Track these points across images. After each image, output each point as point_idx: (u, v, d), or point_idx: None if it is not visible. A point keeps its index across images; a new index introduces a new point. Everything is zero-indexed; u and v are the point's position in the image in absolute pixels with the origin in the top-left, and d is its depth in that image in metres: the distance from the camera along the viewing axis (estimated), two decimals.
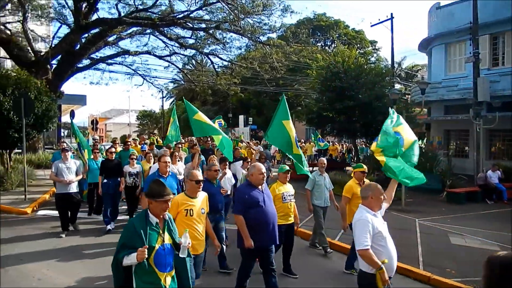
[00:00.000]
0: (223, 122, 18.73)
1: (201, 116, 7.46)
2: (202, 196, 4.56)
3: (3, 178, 12.27)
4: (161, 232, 3.17)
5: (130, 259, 2.95)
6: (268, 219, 4.69)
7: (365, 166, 6.44)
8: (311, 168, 11.78)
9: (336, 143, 27.19)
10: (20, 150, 12.84)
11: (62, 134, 26.04)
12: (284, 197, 5.77)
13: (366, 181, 5.95)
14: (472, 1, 14.34)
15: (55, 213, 8.89)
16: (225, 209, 6.55)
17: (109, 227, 8.14)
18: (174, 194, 4.74)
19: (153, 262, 3.08)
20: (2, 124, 11.42)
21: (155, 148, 11.85)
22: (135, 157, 8.78)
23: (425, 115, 21.07)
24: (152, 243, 3.06)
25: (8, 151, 13.14)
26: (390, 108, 5.64)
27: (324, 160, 7.66)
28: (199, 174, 4.48)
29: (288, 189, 5.94)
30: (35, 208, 10.11)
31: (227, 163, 7.81)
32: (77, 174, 7.85)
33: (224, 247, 6.03)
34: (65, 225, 7.75)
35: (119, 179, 8.35)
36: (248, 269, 4.85)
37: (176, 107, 16.88)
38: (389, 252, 3.48)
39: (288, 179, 5.99)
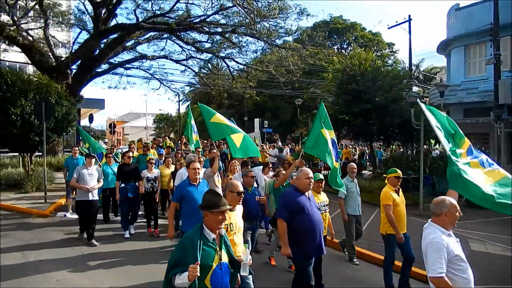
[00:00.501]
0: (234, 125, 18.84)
1: (219, 117, 7.34)
2: (240, 208, 4.17)
3: (24, 180, 12.57)
4: (218, 249, 2.89)
5: (182, 279, 2.67)
6: (315, 227, 4.44)
7: (399, 171, 5.91)
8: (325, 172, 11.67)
9: (349, 146, 26.95)
10: (40, 153, 13.14)
11: (81, 138, 26.51)
12: (319, 208, 5.34)
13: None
14: (493, 2, 14.04)
15: (74, 216, 9.07)
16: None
17: (127, 234, 8.06)
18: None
19: (209, 283, 2.81)
20: (24, 128, 11.73)
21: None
22: (153, 161, 8.64)
23: None
24: (209, 261, 2.80)
25: (29, 154, 13.47)
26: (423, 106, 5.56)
27: (354, 165, 7.21)
28: (240, 185, 4.10)
29: (322, 198, 5.70)
30: (53, 211, 10.32)
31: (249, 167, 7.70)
32: (98, 181, 7.71)
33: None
34: (84, 227, 7.70)
35: (137, 183, 8.20)
36: (304, 277, 4.43)
37: (192, 111, 16.91)
38: (468, 277, 3.18)
39: (322, 188, 5.74)
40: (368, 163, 23.24)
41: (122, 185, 8.10)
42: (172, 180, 8.55)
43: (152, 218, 8.41)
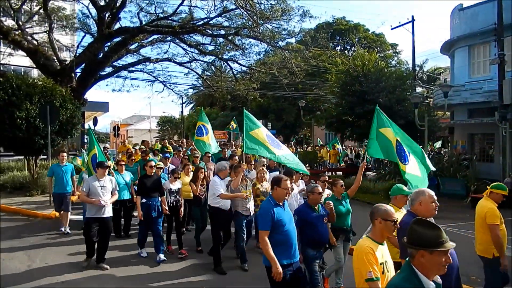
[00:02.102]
0: (234, 125, 18.73)
1: (261, 134, 6.74)
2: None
3: (29, 183, 12.64)
4: None
5: None
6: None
7: (506, 189, 4.96)
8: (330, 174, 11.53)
9: (345, 147, 26.72)
10: (45, 156, 13.21)
11: (86, 141, 26.62)
12: None
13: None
14: (497, 2, 14.00)
15: (79, 217, 9.09)
16: None
17: (144, 253, 7.02)
18: None
19: None
20: (29, 131, 11.81)
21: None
22: (177, 176, 7.51)
23: (448, 118, 20.63)
24: None
25: (34, 157, 13.54)
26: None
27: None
28: (393, 212, 3.09)
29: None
30: (58, 214, 10.34)
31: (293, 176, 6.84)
32: (112, 194, 6.62)
33: None
34: (92, 252, 6.47)
35: (159, 198, 6.98)
36: None
37: (196, 113, 16.96)
38: None
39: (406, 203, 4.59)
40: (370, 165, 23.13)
41: (143, 200, 6.83)
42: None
43: (170, 234, 7.51)
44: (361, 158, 23.35)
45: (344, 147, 25.65)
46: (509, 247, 7.55)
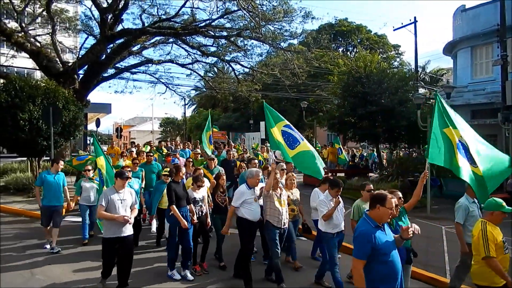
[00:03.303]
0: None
1: (277, 131, 6.41)
2: None
3: (32, 185, 12.67)
4: None
5: None
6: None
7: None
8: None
9: (346, 148, 26.57)
10: (48, 158, 13.25)
11: (88, 142, 26.68)
12: (505, 246, 4.07)
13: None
14: (500, 3, 13.96)
15: (78, 219, 8.91)
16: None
17: (176, 274, 6.18)
18: None
19: None
20: (32, 133, 11.86)
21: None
22: (201, 184, 6.55)
23: None
24: None
25: (37, 158, 13.59)
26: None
27: None
28: None
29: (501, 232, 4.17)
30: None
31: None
32: (131, 208, 5.62)
33: None
34: (108, 273, 5.58)
35: (187, 207, 6.34)
36: None
37: (198, 114, 16.86)
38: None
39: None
40: (372, 166, 23.07)
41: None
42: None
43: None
44: (357, 159, 23.25)
45: (345, 148, 25.59)
46: (510, 247, 7.53)
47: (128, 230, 5.43)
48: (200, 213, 6.52)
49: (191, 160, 9.46)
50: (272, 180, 5.70)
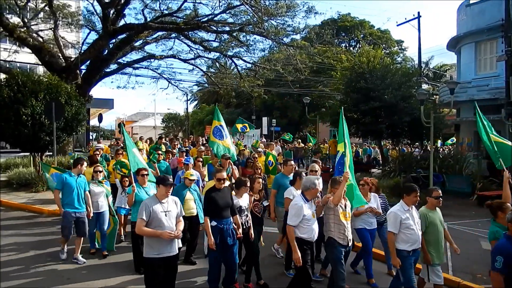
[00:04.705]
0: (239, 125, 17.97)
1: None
2: None
3: (35, 180, 12.72)
4: None
5: None
6: None
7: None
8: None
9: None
10: (51, 153, 13.29)
11: (91, 137, 26.75)
12: None
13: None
14: None
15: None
16: None
17: None
18: None
19: None
20: (34, 128, 11.89)
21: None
22: (246, 189, 5.61)
23: (454, 115, 20.47)
24: None
25: (39, 154, 13.63)
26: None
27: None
28: None
29: None
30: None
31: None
32: (177, 221, 4.61)
33: None
34: None
35: (231, 218, 5.36)
36: None
37: (200, 110, 16.77)
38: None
39: None
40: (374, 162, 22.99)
41: (214, 223, 5.17)
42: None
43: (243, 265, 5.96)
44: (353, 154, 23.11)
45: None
46: None
47: (174, 248, 4.49)
48: (246, 223, 5.57)
49: (201, 159, 8.67)
50: (342, 191, 4.88)
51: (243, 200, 5.59)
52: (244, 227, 5.50)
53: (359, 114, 16.42)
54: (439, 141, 24.35)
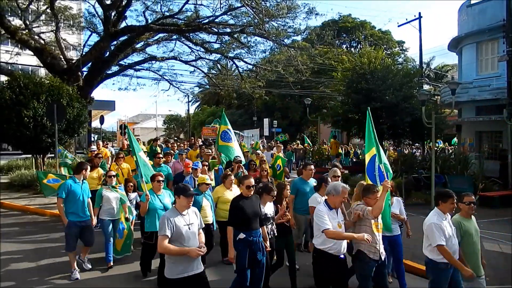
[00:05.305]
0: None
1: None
2: None
3: (37, 181, 12.74)
4: None
5: None
6: None
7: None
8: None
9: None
10: (52, 155, 13.32)
11: (92, 139, 26.76)
12: None
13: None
14: None
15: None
16: None
17: None
18: None
19: None
20: (36, 130, 11.92)
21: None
22: (272, 196, 5.18)
23: (455, 116, 20.44)
24: None
25: (41, 155, 13.66)
26: None
27: None
28: None
29: None
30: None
31: None
32: (198, 232, 4.13)
33: None
34: None
35: (260, 230, 4.86)
36: None
37: (202, 111, 16.71)
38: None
39: None
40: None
41: (242, 236, 4.66)
42: None
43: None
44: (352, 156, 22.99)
45: (349, 145, 25.46)
46: (510, 243, 7.52)
47: (201, 265, 4.01)
48: (272, 232, 5.17)
49: (207, 163, 8.28)
50: (383, 202, 4.37)
51: (268, 207, 5.15)
52: (270, 237, 5.11)
53: (360, 115, 16.42)
54: (454, 139, 24.20)
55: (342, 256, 4.34)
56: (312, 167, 6.69)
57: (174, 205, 4.09)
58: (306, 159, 21.00)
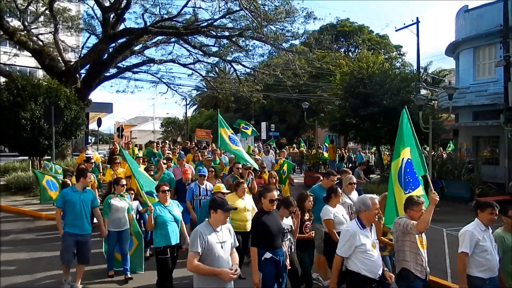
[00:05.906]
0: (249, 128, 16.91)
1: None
2: None
3: (33, 184, 12.70)
4: None
5: None
6: None
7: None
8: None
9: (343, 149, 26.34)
10: (49, 157, 13.28)
11: (90, 142, 26.71)
12: None
13: None
14: (503, 3, 13.93)
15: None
16: None
17: None
18: None
19: None
20: (33, 132, 11.89)
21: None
22: (293, 209, 4.72)
23: (452, 121, 20.51)
24: None
25: (38, 158, 13.61)
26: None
27: None
28: None
29: None
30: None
31: None
32: (231, 251, 3.77)
33: None
34: None
35: (283, 248, 4.49)
36: None
37: (199, 114, 16.65)
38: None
39: None
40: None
41: (269, 255, 4.26)
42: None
43: None
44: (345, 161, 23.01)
45: (345, 150, 25.57)
46: None
47: (232, 284, 3.63)
48: (289, 249, 4.71)
49: (213, 170, 7.86)
50: (430, 216, 3.97)
51: (286, 221, 4.71)
52: (289, 253, 4.65)
53: (357, 119, 16.45)
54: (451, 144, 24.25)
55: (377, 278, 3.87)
56: (335, 178, 6.26)
57: (207, 219, 3.68)
58: (304, 164, 21.02)
